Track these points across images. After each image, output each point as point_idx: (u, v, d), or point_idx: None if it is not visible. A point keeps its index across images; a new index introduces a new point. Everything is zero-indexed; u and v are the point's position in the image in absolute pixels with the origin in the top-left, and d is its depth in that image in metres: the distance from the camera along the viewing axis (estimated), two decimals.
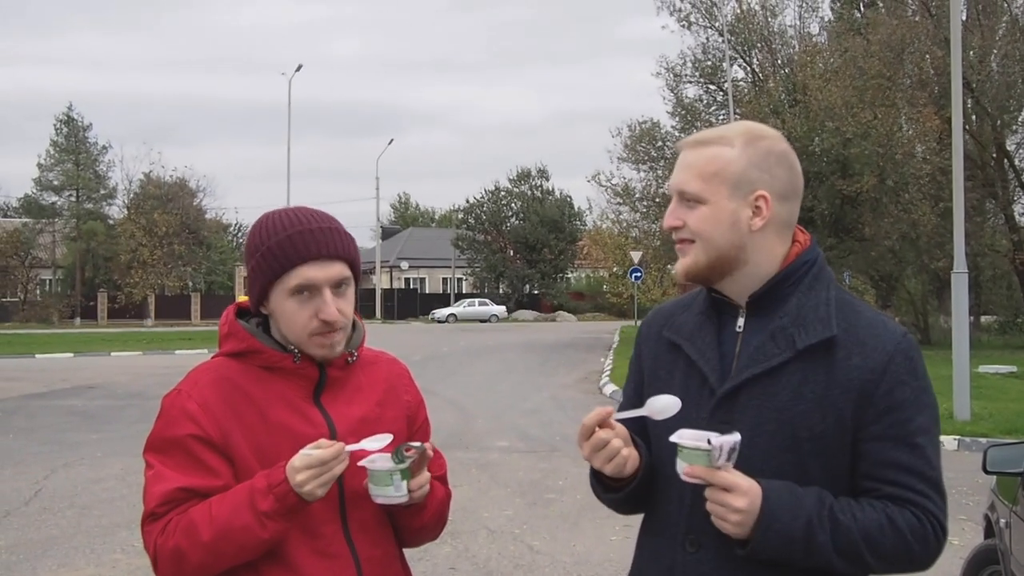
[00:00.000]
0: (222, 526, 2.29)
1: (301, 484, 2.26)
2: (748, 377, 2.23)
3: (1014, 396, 18.36)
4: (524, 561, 8.00)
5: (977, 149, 33.81)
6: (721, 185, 2.26)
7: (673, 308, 2.48)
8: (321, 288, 2.38)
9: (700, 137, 2.33)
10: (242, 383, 2.43)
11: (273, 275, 2.39)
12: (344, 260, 2.42)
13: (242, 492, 2.31)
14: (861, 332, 2.23)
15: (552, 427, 15.83)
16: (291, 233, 2.39)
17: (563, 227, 75.83)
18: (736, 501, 2.11)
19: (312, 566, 2.38)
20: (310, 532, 2.39)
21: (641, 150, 39.03)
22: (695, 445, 2.12)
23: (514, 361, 30.04)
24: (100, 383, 23.94)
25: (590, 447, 2.22)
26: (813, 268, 2.30)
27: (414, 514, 2.51)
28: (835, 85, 31.77)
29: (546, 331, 52.00)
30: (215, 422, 2.37)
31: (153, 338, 44.65)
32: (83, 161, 66.70)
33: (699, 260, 2.28)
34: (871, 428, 2.20)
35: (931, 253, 32.10)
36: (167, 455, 2.39)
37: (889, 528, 2.17)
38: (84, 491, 10.87)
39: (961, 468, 11.48)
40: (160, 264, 64.60)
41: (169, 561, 2.33)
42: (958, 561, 6.14)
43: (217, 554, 2.30)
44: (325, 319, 2.38)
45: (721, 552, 2.22)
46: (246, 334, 2.46)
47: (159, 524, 2.34)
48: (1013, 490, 5.27)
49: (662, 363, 2.40)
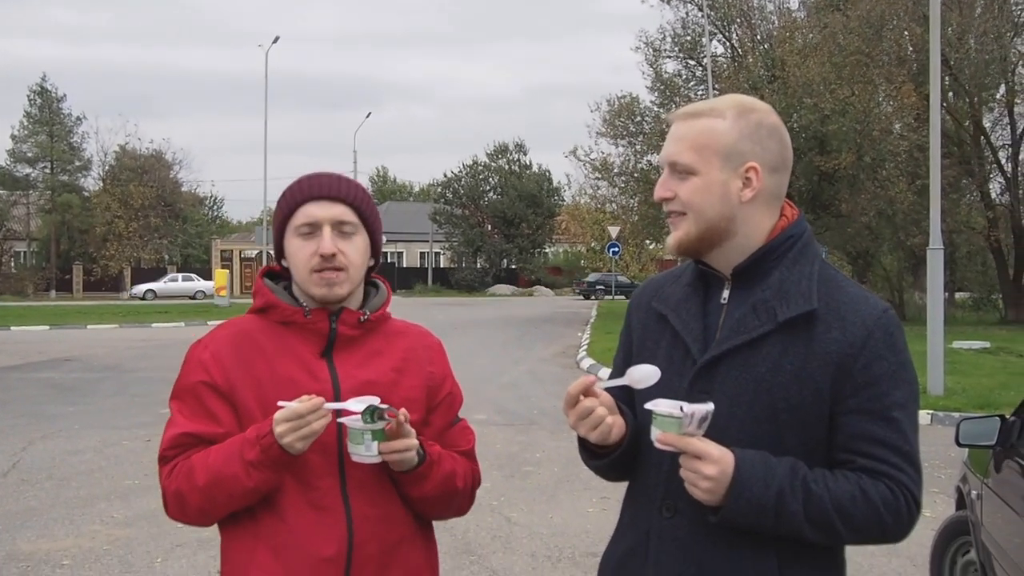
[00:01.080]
0: (215, 473, 2.42)
1: (281, 436, 2.35)
2: (728, 348, 2.26)
3: (987, 371, 18.54)
4: (502, 533, 8.05)
5: (954, 126, 33.97)
6: (713, 156, 2.28)
7: (664, 279, 2.52)
8: (321, 225, 2.51)
9: (691, 109, 2.35)
10: (258, 337, 2.56)
11: (284, 218, 2.57)
12: (349, 204, 2.55)
13: (236, 442, 2.43)
14: (842, 307, 2.25)
15: (530, 401, 15.89)
16: (300, 179, 2.59)
17: (541, 202, 75.79)
18: (706, 468, 2.15)
19: (301, 517, 2.46)
20: (306, 484, 2.47)
21: (620, 125, 39.04)
22: (668, 412, 2.16)
23: (492, 335, 30.08)
24: (76, 356, 23.85)
25: (575, 415, 2.26)
26: (798, 243, 2.32)
27: (413, 482, 2.52)
28: (813, 61, 31.86)
29: (524, 306, 52.04)
30: (223, 371, 2.51)
31: (129, 311, 44.45)
32: (57, 133, 66.18)
33: (690, 232, 2.31)
34: (848, 401, 2.22)
35: (907, 230, 32.29)
36: (182, 401, 2.55)
37: (862, 500, 2.18)
38: (62, 463, 10.86)
39: (934, 442, 11.59)
40: (136, 237, 64.27)
41: (173, 502, 2.51)
42: (930, 533, 6.22)
43: (211, 499, 2.45)
44: (322, 252, 2.49)
45: (695, 518, 2.25)
46: (266, 290, 2.60)
47: (167, 467, 2.51)
48: (984, 463, 5.35)
49: (650, 333, 2.43)
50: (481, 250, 76.21)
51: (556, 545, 7.71)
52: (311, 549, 2.44)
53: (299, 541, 2.45)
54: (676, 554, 2.27)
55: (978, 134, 35.48)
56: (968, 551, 5.71)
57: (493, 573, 7.09)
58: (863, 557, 7.29)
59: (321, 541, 2.45)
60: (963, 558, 5.80)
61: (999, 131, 36.86)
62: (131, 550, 7.60)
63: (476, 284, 73.79)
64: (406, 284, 72.09)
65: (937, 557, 5.95)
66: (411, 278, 74.68)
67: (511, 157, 77.97)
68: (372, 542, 2.50)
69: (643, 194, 38.09)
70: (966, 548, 5.75)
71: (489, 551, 7.58)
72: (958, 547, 5.84)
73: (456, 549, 7.59)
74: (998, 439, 4.95)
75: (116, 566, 7.23)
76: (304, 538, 2.45)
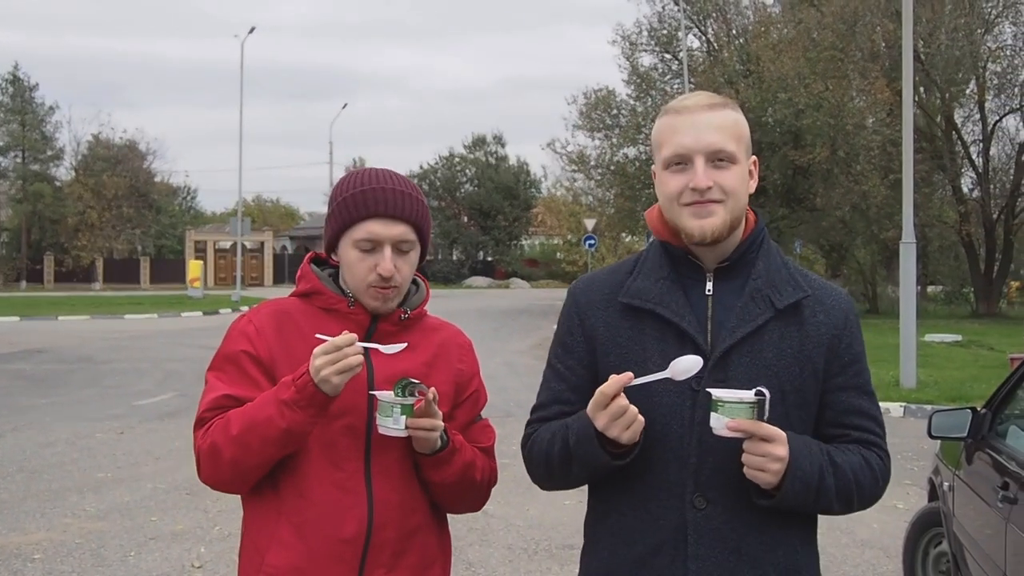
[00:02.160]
0: (249, 419, 2.45)
1: (318, 369, 2.38)
2: (741, 336, 2.31)
3: (959, 364, 18.69)
4: (478, 525, 8.05)
5: (926, 121, 34.17)
6: (744, 148, 2.37)
7: (612, 276, 2.49)
8: (383, 244, 2.55)
9: (709, 100, 2.37)
10: (299, 319, 2.62)
11: (343, 225, 2.58)
12: (410, 224, 2.59)
13: (270, 391, 2.48)
14: (819, 292, 2.41)
15: (506, 393, 15.89)
16: (365, 189, 2.58)
17: (518, 194, 75.71)
18: (779, 450, 2.21)
19: (325, 495, 2.51)
20: (334, 464, 2.53)
21: (596, 118, 39.00)
22: (739, 398, 2.19)
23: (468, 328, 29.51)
24: (48, 347, 23.69)
25: (608, 416, 2.23)
26: (765, 236, 2.44)
27: (433, 466, 2.57)
28: (788, 56, 31.96)
29: (500, 298, 52.07)
30: (266, 344, 2.58)
31: (101, 302, 44.17)
32: (29, 122, 65.49)
33: (726, 219, 2.32)
34: (836, 379, 2.38)
35: (880, 224, 32.49)
36: (222, 371, 2.60)
37: (867, 469, 2.36)
38: (33, 455, 10.79)
39: (907, 434, 11.69)
40: (108, 227, 63.76)
41: (208, 458, 2.51)
42: (903, 524, 6.28)
43: (245, 446, 2.45)
44: (381, 273, 2.54)
45: (730, 507, 2.30)
46: (312, 276, 2.66)
47: (203, 429, 2.53)
48: (956, 455, 5.39)
49: (619, 330, 2.40)
50: (457, 242, 76.07)
51: (532, 537, 7.72)
52: (332, 529, 2.50)
53: (321, 520, 2.50)
54: (715, 545, 2.30)
55: (950, 129, 35.70)
56: (940, 542, 5.76)
57: (469, 565, 7.10)
58: (836, 549, 7.34)
59: (342, 522, 2.50)
60: (935, 549, 5.85)
61: (970, 126, 37.13)
62: (104, 543, 7.56)
63: (452, 276, 73.66)
64: None
65: (909, 548, 6.00)
66: None
67: (488, 149, 77.87)
68: (391, 527, 2.55)
69: (619, 187, 38.14)
70: (938, 539, 5.80)
71: (465, 543, 7.58)
72: (930, 538, 5.89)
73: None
74: (969, 431, 5.00)
75: (89, 559, 7.20)
76: (326, 518, 2.50)
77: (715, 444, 2.27)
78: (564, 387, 2.44)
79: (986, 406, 5.11)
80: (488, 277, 73.61)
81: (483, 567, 7.06)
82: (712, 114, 2.33)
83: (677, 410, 2.31)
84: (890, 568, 6.96)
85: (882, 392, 14.93)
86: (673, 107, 2.38)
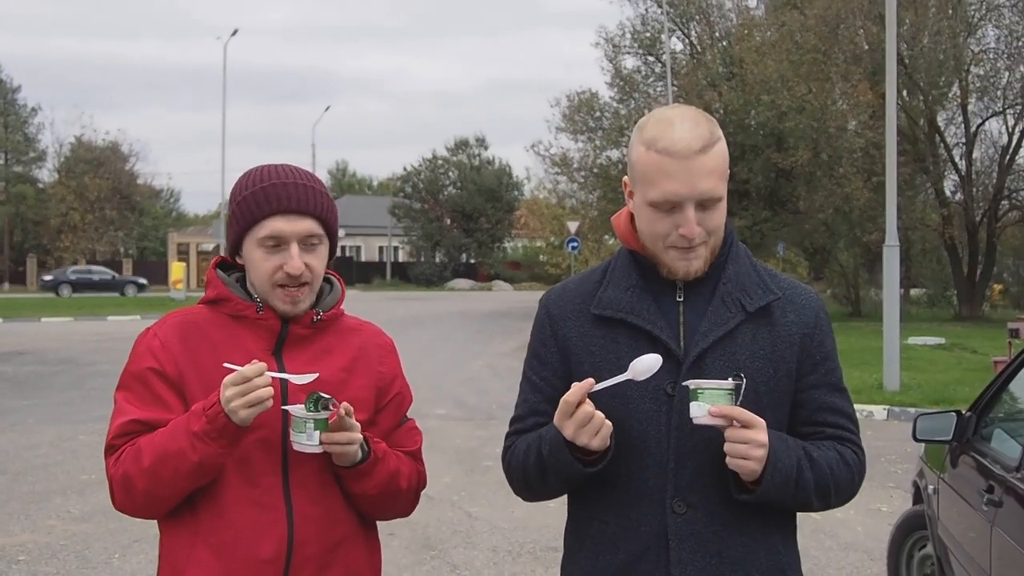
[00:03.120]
0: (160, 450, 2.37)
1: (228, 400, 2.30)
2: (714, 339, 2.32)
3: (942, 367, 18.75)
4: (462, 527, 8.05)
5: (909, 124, 34.28)
6: (726, 177, 2.35)
7: (582, 285, 2.47)
8: (288, 241, 2.44)
9: (699, 139, 2.28)
10: (207, 328, 2.51)
11: (246, 224, 2.47)
12: (316, 217, 2.48)
13: (182, 419, 2.38)
14: (789, 293, 2.43)
15: (489, 395, 15.90)
16: (266, 186, 2.46)
17: (500, 196, 75.67)
18: (761, 436, 2.22)
19: (243, 514, 2.42)
20: (249, 481, 2.43)
21: (579, 120, 39.04)
22: (717, 385, 2.21)
23: (451, 330, 30.06)
24: (30, 349, 23.58)
25: (575, 424, 2.21)
26: (734, 239, 2.45)
27: (355, 479, 2.48)
28: (771, 59, 32.05)
29: (482, 300, 52.03)
30: (172, 359, 2.47)
31: (84, 304, 43.98)
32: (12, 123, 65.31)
33: (707, 258, 2.35)
34: (809, 378, 2.40)
35: (863, 226, 32.56)
36: (130, 390, 2.49)
37: (843, 464, 2.38)
38: (16, 458, 10.74)
39: (890, 437, 11.72)
40: (91, 229, 63.55)
41: (120, 488, 2.44)
42: (887, 527, 6.30)
43: (157, 478, 2.38)
44: (289, 271, 2.44)
45: (710, 510, 2.31)
46: (218, 282, 2.54)
47: (114, 456, 2.45)
48: (941, 458, 5.41)
49: (592, 340, 2.38)
50: (440, 244, 76.01)
51: (517, 540, 7.72)
52: (250, 549, 2.41)
53: (239, 540, 2.41)
54: (697, 549, 2.30)
55: (932, 132, 35.83)
56: (925, 545, 5.78)
57: (454, 568, 7.10)
58: (820, 552, 7.36)
59: (261, 541, 2.42)
60: (920, 552, 5.86)
61: (953, 129, 37.22)
62: (88, 545, 7.53)
63: (435, 278, 73.61)
64: (365, 278, 71.82)
65: (894, 551, 6.01)
66: (370, 272, 74.43)
67: (471, 151, 77.82)
68: (313, 542, 2.47)
69: (602, 189, 38.18)
70: (923, 542, 5.81)
71: (450, 546, 7.58)
72: (915, 541, 5.90)
73: (416, 544, 7.59)
74: (954, 434, 5.01)
75: (73, 561, 7.17)
76: (244, 537, 2.41)
77: (693, 448, 2.28)
78: (540, 398, 2.42)
79: (971, 409, 5.13)
80: (471, 279, 73.58)
81: (467, 569, 7.06)
82: (704, 159, 2.26)
83: (654, 416, 2.31)
84: (874, 571, 6.98)
85: (865, 395, 14.99)
86: (663, 146, 2.26)
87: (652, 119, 2.35)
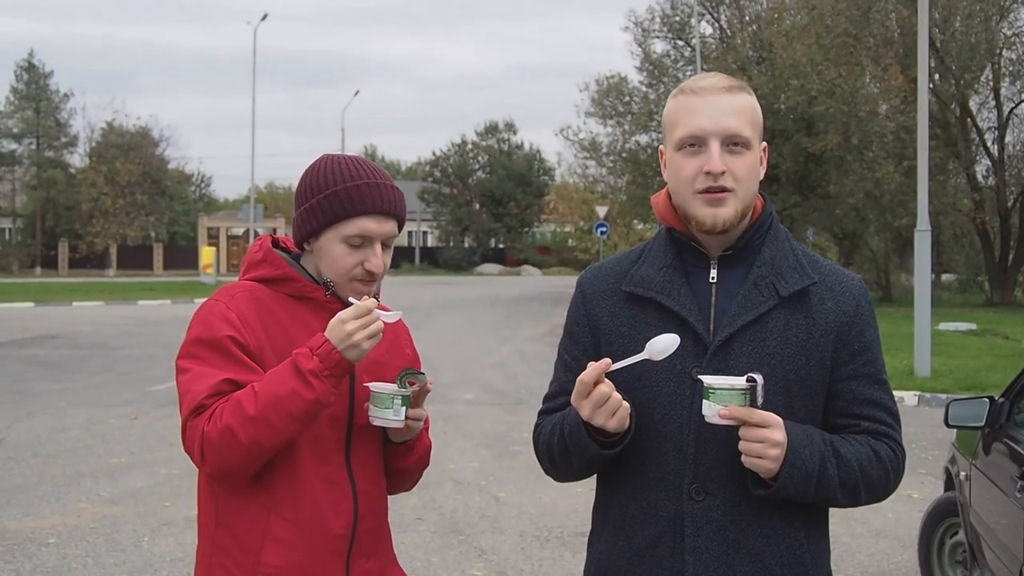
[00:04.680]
0: (269, 396, 2.34)
1: (350, 334, 2.35)
2: (742, 324, 2.27)
3: (973, 353, 18.62)
4: (490, 512, 8.06)
5: (940, 108, 33.97)
6: (758, 133, 2.32)
7: (618, 265, 2.46)
8: (374, 241, 2.50)
9: (727, 83, 2.32)
10: (272, 306, 2.53)
11: (334, 218, 2.48)
12: (397, 220, 2.53)
13: (284, 365, 2.38)
14: (828, 279, 2.35)
15: (517, 380, 15.90)
16: (359, 184, 2.49)
17: (530, 181, 75.60)
18: (776, 435, 2.17)
19: (317, 490, 2.48)
20: (321, 458, 2.50)
21: (608, 105, 38.94)
22: (730, 385, 2.15)
23: (479, 315, 30.08)
24: (62, 333, 23.75)
25: (591, 404, 2.19)
26: (774, 221, 2.39)
27: (403, 454, 2.63)
28: (801, 43, 31.79)
29: (511, 285, 52.06)
30: (253, 334, 2.47)
31: (115, 288, 44.28)
32: (44, 108, 65.61)
33: (737, 209, 2.29)
34: (846, 368, 2.32)
35: (894, 211, 32.35)
36: (205, 357, 2.44)
37: (876, 460, 2.30)
38: (48, 440, 10.82)
39: (921, 423, 11.65)
40: (122, 214, 63.85)
41: (220, 442, 2.35)
42: (918, 514, 6.25)
43: (265, 426, 2.34)
44: (371, 269, 2.50)
45: (728, 498, 2.27)
46: (282, 261, 2.56)
47: (205, 415, 2.38)
48: (973, 444, 5.36)
49: (622, 319, 2.37)
50: (469, 229, 76.04)
51: (545, 525, 7.72)
52: (327, 524, 2.48)
53: (317, 516, 2.47)
54: (713, 537, 2.26)
55: (964, 116, 35.50)
56: (956, 532, 5.74)
57: (481, 552, 7.10)
58: (851, 538, 7.32)
59: (335, 516, 2.49)
60: (951, 539, 5.82)
61: (985, 113, 36.88)
62: (118, 528, 7.58)
63: (463, 263, 73.68)
64: (394, 263, 70.36)
65: (925, 538, 5.97)
66: (399, 257, 74.48)
67: (500, 136, 77.73)
68: (370, 517, 2.57)
69: (631, 174, 38.06)
70: (954, 529, 5.77)
71: (478, 531, 7.58)
72: (946, 528, 5.86)
73: (444, 528, 7.60)
74: (987, 421, 4.97)
75: (103, 544, 7.21)
76: (321, 513, 2.48)
77: (714, 435, 2.24)
78: (571, 378, 2.37)
79: (1004, 395, 5.08)
80: (499, 264, 73.60)
81: (495, 554, 7.06)
82: (730, 97, 2.28)
83: (677, 400, 2.28)
84: (905, 558, 6.93)
85: (896, 381, 14.89)
86: (689, 87, 2.32)
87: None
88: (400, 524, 7.63)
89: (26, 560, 6.88)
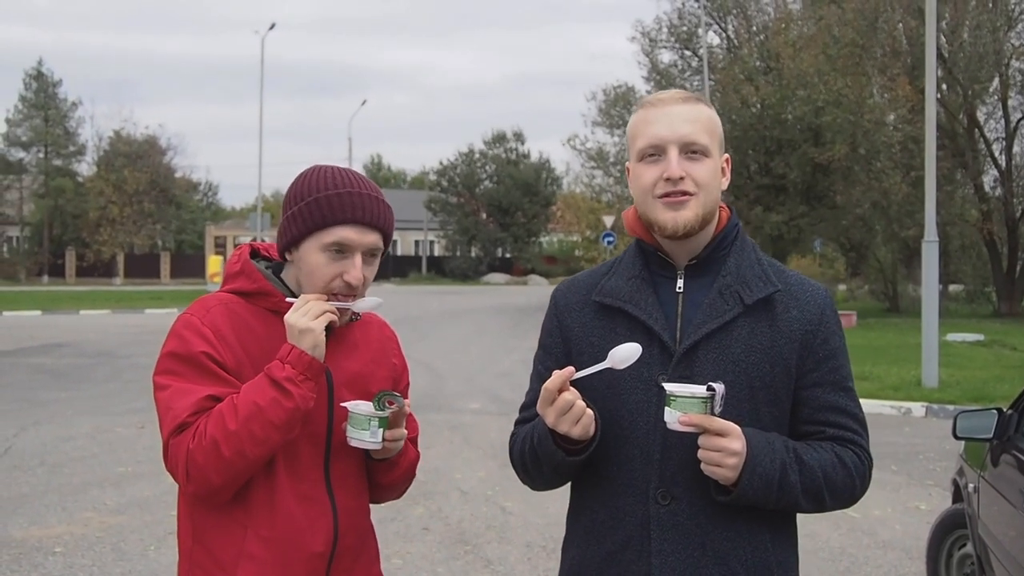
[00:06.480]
0: (248, 408, 2.32)
1: (295, 323, 2.34)
2: (707, 332, 2.32)
3: (981, 364, 18.56)
4: (496, 522, 8.04)
5: (948, 119, 33.93)
6: (716, 143, 2.38)
7: (590, 277, 2.53)
8: (354, 251, 2.45)
9: (683, 95, 2.41)
10: (249, 320, 2.49)
11: (313, 226, 2.43)
12: (381, 232, 2.48)
13: (258, 378, 2.36)
14: (793, 288, 2.41)
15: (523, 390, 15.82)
16: (341, 192, 2.45)
17: (537, 191, 75.61)
18: (734, 444, 2.20)
19: (294, 508, 2.45)
20: (297, 475, 2.46)
21: (615, 114, 38.96)
22: (691, 392, 2.19)
23: (486, 324, 30.07)
24: (69, 341, 23.79)
25: (556, 411, 2.24)
26: (740, 231, 2.45)
27: (386, 470, 2.60)
28: (808, 53, 31.80)
29: (518, 294, 52.02)
30: (229, 350, 2.43)
31: (122, 297, 44.35)
32: (52, 117, 65.89)
33: (698, 213, 2.34)
34: (811, 375, 2.37)
35: (901, 222, 32.27)
36: (182, 373, 2.41)
37: (840, 467, 2.34)
38: (54, 449, 10.83)
39: (929, 435, 11.61)
40: (129, 222, 64.02)
41: (204, 459, 2.32)
42: (926, 526, 6.23)
43: (248, 438, 2.31)
44: (349, 281, 2.45)
45: (693, 502, 2.31)
46: (259, 275, 2.52)
47: (189, 432, 2.35)
48: (981, 456, 5.34)
49: (593, 329, 2.43)
50: (476, 239, 76.04)
51: (551, 535, 7.69)
52: (304, 543, 2.45)
53: (293, 534, 2.44)
54: (679, 541, 2.30)
55: (972, 127, 35.44)
56: (964, 544, 5.71)
57: (488, 563, 7.08)
58: (858, 550, 7.29)
59: (313, 535, 2.46)
60: (959, 551, 5.79)
61: (993, 124, 36.80)
62: (124, 538, 7.57)
63: (470, 273, 73.68)
64: (400, 272, 72.00)
65: (933, 550, 5.94)
66: (405, 266, 74.59)
67: (508, 145, 77.77)
68: (351, 533, 2.55)
69: None
70: (963, 541, 5.74)
71: (484, 541, 7.57)
72: (954, 540, 5.83)
73: (450, 539, 7.58)
74: (995, 432, 4.94)
75: (109, 554, 7.21)
76: (298, 531, 2.44)
77: (679, 441, 2.28)
78: None
79: (1012, 407, 5.06)
80: (506, 274, 73.59)
81: (502, 564, 7.04)
82: (687, 107, 2.37)
83: (643, 407, 2.33)
84: (913, 570, 6.91)
85: (904, 392, 14.87)
86: (648, 100, 2.42)
87: None
88: (406, 534, 7.62)
89: (32, 569, 6.87)
